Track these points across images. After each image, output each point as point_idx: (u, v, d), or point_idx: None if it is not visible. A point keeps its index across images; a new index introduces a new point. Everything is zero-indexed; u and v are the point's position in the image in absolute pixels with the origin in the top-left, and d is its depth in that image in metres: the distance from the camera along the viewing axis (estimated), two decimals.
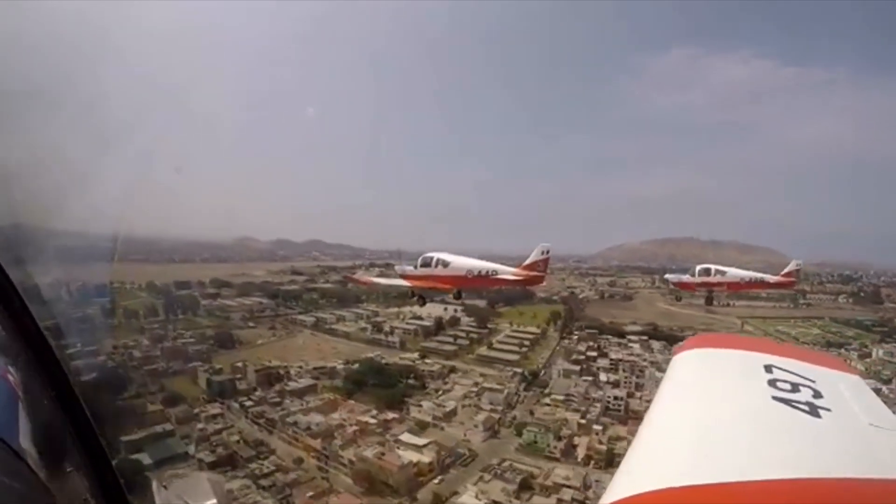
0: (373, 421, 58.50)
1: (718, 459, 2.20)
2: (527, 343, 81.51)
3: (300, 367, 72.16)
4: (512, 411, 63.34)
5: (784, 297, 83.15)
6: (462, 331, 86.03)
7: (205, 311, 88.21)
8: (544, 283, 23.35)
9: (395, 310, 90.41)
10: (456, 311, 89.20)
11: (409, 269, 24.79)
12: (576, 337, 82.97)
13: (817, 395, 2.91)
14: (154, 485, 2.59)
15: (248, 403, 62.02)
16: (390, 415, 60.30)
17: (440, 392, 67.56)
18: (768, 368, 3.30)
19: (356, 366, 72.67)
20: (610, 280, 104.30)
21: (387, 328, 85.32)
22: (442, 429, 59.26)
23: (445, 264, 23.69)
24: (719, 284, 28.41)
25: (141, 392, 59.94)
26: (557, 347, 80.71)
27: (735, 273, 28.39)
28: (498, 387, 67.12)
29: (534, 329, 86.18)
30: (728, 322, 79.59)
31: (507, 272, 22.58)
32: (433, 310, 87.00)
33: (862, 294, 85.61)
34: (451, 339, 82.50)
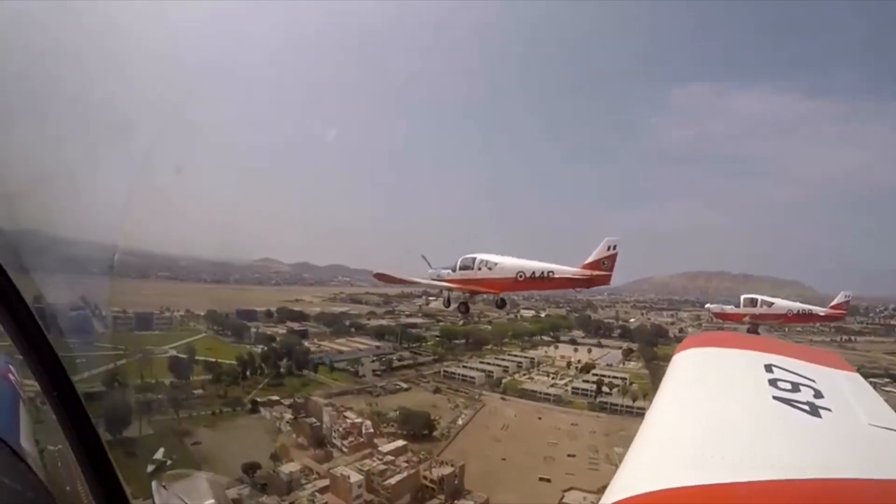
0: None
1: (719, 460, 2.20)
2: None
3: None
4: None
5: (880, 331, 79.87)
6: None
7: (318, 361, 64.84)
8: (609, 284, 20.19)
9: (541, 352, 75.00)
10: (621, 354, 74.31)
11: (446, 272, 21.97)
12: None
13: (818, 394, 2.90)
14: (154, 485, 2.59)
15: None
16: None
17: None
18: (769, 368, 3.29)
19: None
20: (693, 314, 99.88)
21: (598, 386, 64.15)
22: None
23: (490, 266, 20.99)
24: (766, 316, 26.57)
25: None
26: None
27: (783, 304, 26.87)
28: None
29: None
30: (873, 358, 67.61)
31: (568, 272, 20.11)
32: (583, 355, 73.12)
33: None
34: None
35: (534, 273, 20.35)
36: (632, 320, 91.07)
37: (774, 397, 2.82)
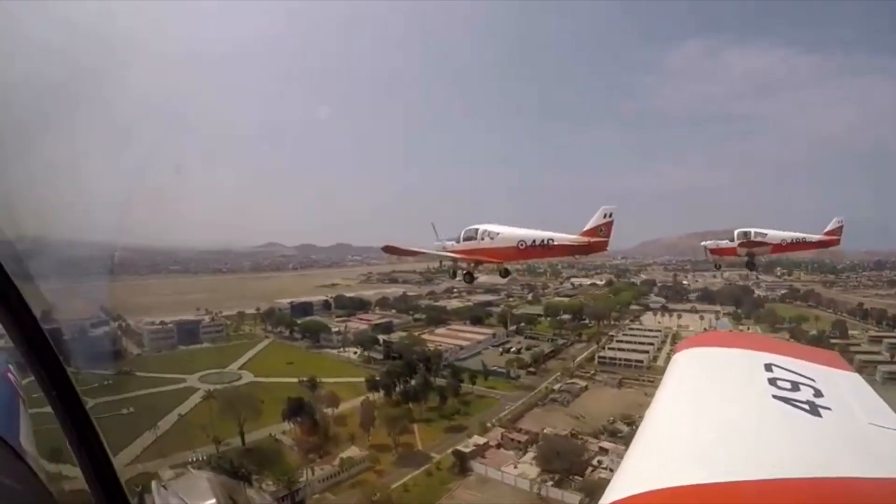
0: None
1: (719, 459, 2.20)
2: None
3: None
4: None
5: None
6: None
7: (462, 367, 54.76)
8: (607, 251, 20.71)
9: (653, 322, 72.11)
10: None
11: (451, 243, 22.77)
12: None
13: (818, 393, 2.89)
14: (154, 485, 2.60)
15: None
16: None
17: None
18: (768, 367, 3.28)
19: None
20: (740, 273, 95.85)
21: None
22: None
23: (493, 236, 21.77)
24: (762, 246, 27.12)
25: None
26: None
27: (776, 234, 27.08)
28: None
29: None
30: None
31: (567, 239, 20.81)
32: (697, 322, 70.54)
33: None
34: None
35: (534, 241, 20.96)
36: (685, 283, 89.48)
37: (774, 396, 2.81)
